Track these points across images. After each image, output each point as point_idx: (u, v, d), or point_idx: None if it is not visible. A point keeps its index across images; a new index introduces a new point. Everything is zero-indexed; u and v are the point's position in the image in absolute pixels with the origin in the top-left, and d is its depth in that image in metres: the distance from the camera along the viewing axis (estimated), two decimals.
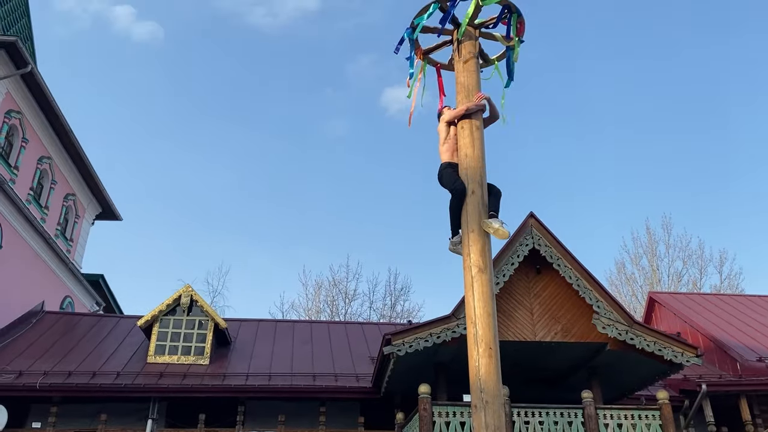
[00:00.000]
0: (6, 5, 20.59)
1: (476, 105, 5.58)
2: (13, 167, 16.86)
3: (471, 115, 5.63)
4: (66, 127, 18.75)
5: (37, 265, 18.10)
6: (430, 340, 11.73)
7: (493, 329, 4.84)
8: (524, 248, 12.59)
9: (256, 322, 18.62)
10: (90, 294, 21.38)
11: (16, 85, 16.59)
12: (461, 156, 5.56)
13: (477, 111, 5.66)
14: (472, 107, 5.57)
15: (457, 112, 5.64)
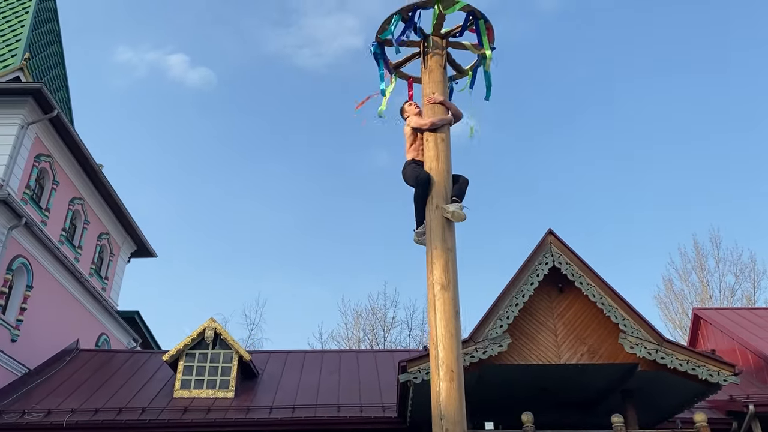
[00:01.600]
0: (41, 54, 21.49)
1: (441, 120, 5.43)
2: (44, 209, 17.33)
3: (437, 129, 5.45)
4: (95, 168, 19.27)
5: (71, 304, 18.46)
6: None
7: (455, 351, 4.54)
8: (544, 266, 12.11)
9: (284, 354, 18.47)
10: (126, 331, 21.68)
11: (45, 129, 17.15)
12: (426, 168, 5.34)
13: (443, 125, 5.47)
14: (437, 122, 5.40)
15: (422, 123, 5.51)
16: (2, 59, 19.47)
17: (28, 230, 15.73)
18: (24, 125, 16.20)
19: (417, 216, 5.26)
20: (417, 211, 5.24)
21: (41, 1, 22.82)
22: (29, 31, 20.75)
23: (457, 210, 4.95)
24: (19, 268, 15.76)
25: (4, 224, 14.84)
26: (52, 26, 23.39)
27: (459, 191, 5.19)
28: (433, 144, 5.34)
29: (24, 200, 16.33)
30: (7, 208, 14.77)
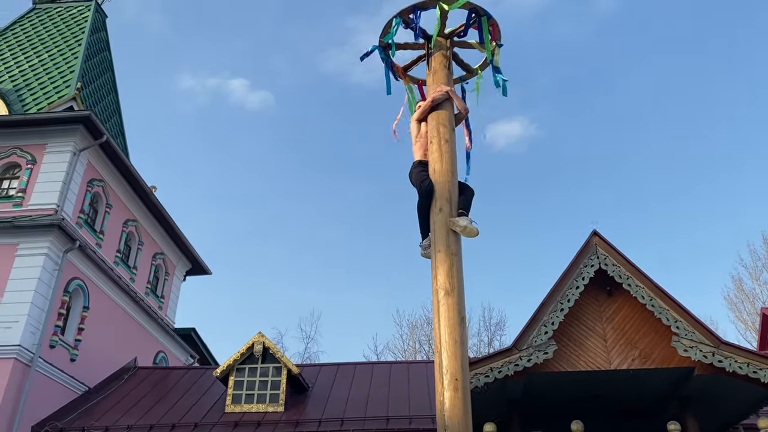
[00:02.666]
0: (94, 83, 22.39)
1: (439, 95, 5.29)
2: (98, 232, 17.95)
3: (439, 106, 5.32)
4: (147, 190, 19.85)
5: (128, 323, 19.01)
6: (491, 375, 11.01)
7: (460, 358, 4.34)
8: (589, 269, 11.68)
9: (335, 366, 18.46)
10: (183, 348, 22.16)
11: (96, 155, 17.79)
12: (430, 171, 5.19)
13: (444, 101, 5.34)
14: (438, 97, 5.29)
15: (423, 107, 5.45)
16: (57, 90, 20.38)
17: (83, 253, 16.29)
18: (76, 152, 16.85)
19: (421, 228, 5.08)
20: (421, 223, 5.06)
21: (93, 33, 23.81)
22: (82, 61, 21.65)
23: (468, 225, 4.72)
24: (75, 290, 16.34)
25: (60, 248, 15.43)
26: (104, 56, 24.36)
27: (465, 203, 4.98)
28: (437, 146, 5.19)
29: (78, 224, 16.96)
30: (61, 232, 15.35)
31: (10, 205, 16.22)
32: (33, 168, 16.74)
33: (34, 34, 23.64)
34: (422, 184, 5.03)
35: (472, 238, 4.80)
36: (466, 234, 4.74)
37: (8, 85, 20.76)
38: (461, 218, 4.79)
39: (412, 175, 5.27)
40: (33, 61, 21.97)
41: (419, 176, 5.14)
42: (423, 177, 5.09)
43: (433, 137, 5.25)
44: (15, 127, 17.23)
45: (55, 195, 16.12)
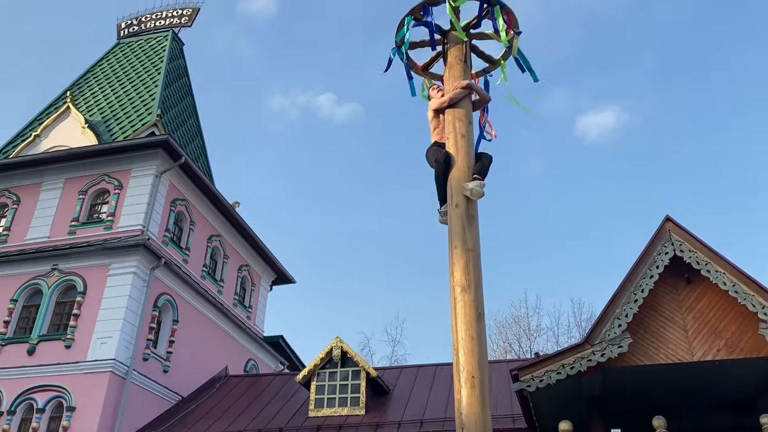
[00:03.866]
0: (174, 108, 23.63)
1: (458, 93, 5.30)
2: (184, 249, 18.90)
3: (456, 104, 5.31)
4: (228, 206, 20.70)
5: (218, 334, 19.86)
6: (562, 371, 10.70)
7: (477, 355, 4.28)
8: (663, 257, 11.10)
9: (415, 369, 18.49)
10: (272, 355, 22.90)
11: (178, 176, 18.75)
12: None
13: (462, 98, 5.32)
14: (456, 96, 5.30)
15: (441, 102, 5.43)
16: (141, 117, 21.66)
17: (170, 269, 17.21)
18: (158, 174, 17.84)
19: (439, 195, 5.14)
20: (438, 191, 5.13)
21: (171, 61, 25.13)
22: (162, 89, 22.90)
23: (475, 187, 4.80)
24: (164, 305, 17.27)
25: (147, 266, 16.37)
26: (183, 82, 25.66)
27: (481, 168, 5.00)
28: (453, 141, 5.14)
29: (165, 242, 17.94)
30: (147, 251, 16.29)
31: (101, 229, 17.38)
32: (120, 192, 17.87)
33: (118, 67, 25.25)
34: (440, 154, 5.13)
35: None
36: (472, 196, 4.79)
37: (97, 117, 22.27)
38: (471, 182, 4.84)
39: (428, 155, 5.37)
40: (118, 92, 23.46)
41: (434, 153, 5.24)
42: (438, 152, 5.18)
43: (449, 132, 5.21)
44: (102, 155, 18.46)
45: (141, 216, 17.13)
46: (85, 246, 16.69)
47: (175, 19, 27.47)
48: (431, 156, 5.27)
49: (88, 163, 18.63)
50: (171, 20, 27.48)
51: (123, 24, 28.15)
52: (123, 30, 27.89)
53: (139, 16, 28.13)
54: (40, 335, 15.83)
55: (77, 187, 18.44)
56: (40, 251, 17.08)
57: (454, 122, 5.22)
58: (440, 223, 5.07)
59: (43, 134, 21.52)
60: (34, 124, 22.69)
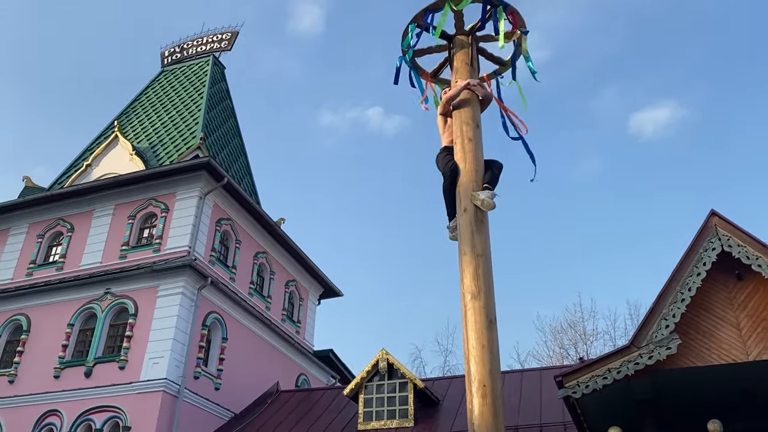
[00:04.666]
0: (218, 130, 24.19)
1: (454, 91, 5.29)
2: (231, 267, 19.25)
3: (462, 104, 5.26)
4: (272, 223, 21.01)
5: (267, 350, 20.10)
6: (609, 376, 10.34)
7: (488, 364, 4.19)
8: (710, 253, 10.64)
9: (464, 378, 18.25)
10: (323, 369, 23.01)
11: (222, 196, 19.15)
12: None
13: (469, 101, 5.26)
14: (453, 94, 5.27)
15: (442, 104, 5.43)
16: (185, 141, 22.25)
17: (216, 288, 17.55)
18: (202, 196, 18.26)
19: (448, 210, 5.05)
20: (446, 205, 5.05)
21: (213, 85, 25.77)
22: (204, 112, 23.50)
23: (487, 198, 4.67)
24: (213, 323, 17.60)
25: (194, 286, 16.74)
26: (225, 104, 26.26)
27: (492, 178, 4.90)
28: (460, 145, 5.06)
29: (211, 261, 18.31)
30: (193, 271, 16.66)
31: (150, 252, 17.88)
32: (167, 215, 18.36)
33: (163, 94, 26.05)
34: (446, 165, 5.05)
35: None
36: (484, 207, 4.68)
37: (144, 144, 23.00)
38: (482, 192, 4.72)
39: (438, 160, 5.29)
40: (164, 119, 24.19)
41: (444, 160, 5.16)
42: (448, 160, 5.10)
43: (456, 137, 5.15)
44: (148, 180, 19.02)
45: (187, 238, 17.55)
46: (135, 269, 17.20)
47: (215, 43, 28.20)
48: (440, 162, 5.21)
49: (135, 188, 19.23)
50: (212, 45, 28.22)
51: (166, 52, 29.07)
52: (167, 58, 28.80)
53: (181, 43, 29.01)
54: (96, 358, 16.35)
55: (126, 212, 19.05)
56: (94, 276, 17.68)
57: (461, 126, 5.16)
58: (450, 240, 4.95)
59: (94, 163, 22.35)
60: (85, 155, 23.58)
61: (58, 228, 19.87)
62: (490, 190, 4.79)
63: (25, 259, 19.57)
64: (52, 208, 20.19)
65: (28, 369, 17.02)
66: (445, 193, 5.02)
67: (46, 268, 19.10)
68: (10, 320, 18.07)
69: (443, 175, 5.06)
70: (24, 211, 20.52)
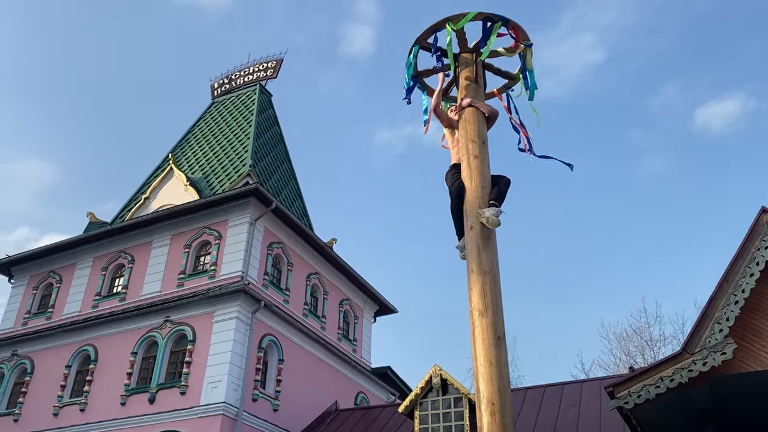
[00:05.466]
0: (268, 156, 24.81)
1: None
2: (284, 289, 19.64)
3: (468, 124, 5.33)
4: (322, 245, 21.33)
5: (324, 369, 20.32)
6: (661, 385, 10.02)
7: (496, 381, 4.19)
8: (764, 252, 10.22)
9: (523, 391, 17.96)
10: (381, 386, 23.06)
11: (272, 220, 19.61)
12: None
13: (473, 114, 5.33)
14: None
15: (445, 127, 5.55)
16: (236, 169, 22.93)
17: (270, 311, 17.92)
18: (252, 222, 18.75)
19: (456, 230, 5.05)
20: (455, 225, 5.04)
21: (261, 113, 26.49)
22: (253, 140, 24.16)
23: (491, 216, 4.63)
24: (269, 345, 17.96)
25: (248, 309, 17.15)
26: (274, 131, 26.93)
27: (498, 194, 4.85)
28: (466, 163, 5.07)
29: (265, 285, 18.73)
30: (246, 295, 17.08)
31: (206, 279, 18.46)
32: (220, 242, 18.92)
33: (214, 124, 26.95)
34: (453, 185, 5.05)
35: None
36: (489, 225, 4.63)
37: (198, 174, 23.81)
38: (488, 209, 4.69)
39: (447, 178, 5.28)
40: (215, 149, 25.00)
41: (452, 178, 5.15)
42: (455, 179, 5.09)
43: (462, 155, 5.17)
44: (201, 210, 19.68)
45: (240, 263, 18.04)
46: (192, 296, 17.77)
47: (261, 72, 29.01)
48: (448, 180, 5.23)
49: (190, 218, 19.92)
50: (258, 74, 29.04)
51: (216, 84, 30.09)
52: (216, 90, 29.80)
53: (229, 74, 29.96)
54: (158, 384, 16.93)
55: (182, 241, 19.74)
56: (154, 305, 18.36)
57: (467, 144, 5.18)
58: (461, 260, 4.96)
59: (151, 196, 23.30)
60: (144, 188, 24.59)
61: (120, 260, 20.75)
62: (497, 206, 4.78)
63: (91, 291, 20.51)
64: (114, 241, 21.12)
65: (97, 397, 17.77)
66: (453, 212, 5.04)
67: (110, 300, 19.97)
68: (80, 351, 18.93)
69: (450, 194, 5.07)
70: (88, 246, 21.54)
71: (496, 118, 5.44)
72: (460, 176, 5.10)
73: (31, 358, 19.78)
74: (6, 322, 21.76)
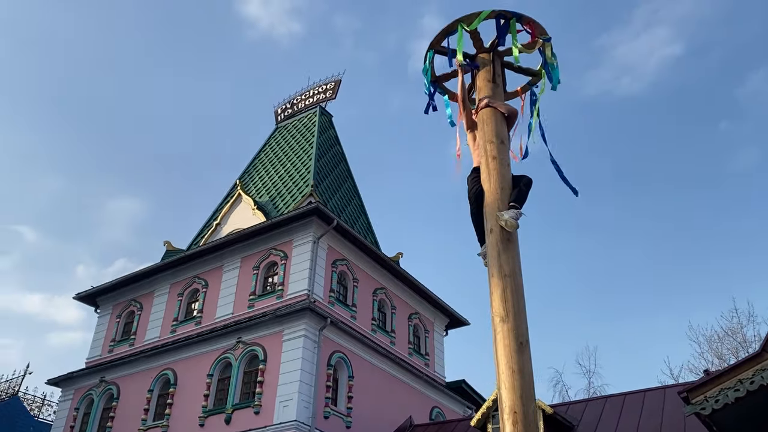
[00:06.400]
0: (330, 175, 25.16)
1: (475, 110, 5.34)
2: (350, 306, 19.75)
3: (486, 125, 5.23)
4: (386, 259, 21.34)
5: (396, 385, 20.22)
6: (741, 388, 9.38)
7: (518, 389, 4.02)
8: None
9: (602, 400, 17.25)
10: (457, 400, 22.71)
11: (334, 238, 19.82)
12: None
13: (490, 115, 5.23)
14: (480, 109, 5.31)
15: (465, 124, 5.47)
16: (300, 190, 23.35)
17: (337, 327, 18.04)
18: (315, 240, 19.01)
19: (477, 236, 4.92)
20: (476, 231, 4.92)
21: (322, 134, 26.93)
22: (315, 161, 24.57)
23: (510, 218, 4.49)
24: (338, 362, 18.06)
25: (314, 327, 17.34)
26: (335, 151, 27.31)
27: (519, 195, 4.70)
28: (485, 165, 4.93)
29: (331, 302, 18.90)
30: (313, 313, 17.27)
31: (274, 299, 18.83)
32: (286, 262, 19.28)
33: (278, 148, 27.62)
34: (471, 190, 4.96)
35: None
36: (507, 227, 4.50)
37: (265, 198, 24.42)
38: (507, 211, 4.55)
39: (468, 182, 5.17)
40: (280, 172, 25.59)
41: (471, 183, 5.04)
42: (473, 184, 4.99)
43: (481, 157, 5.04)
44: (267, 231, 20.14)
45: (305, 282, 18.30)
46: (261, 317, 18.14)
47: (321, 94, 29.55)
48: (469, 185, 5.11)
49: (257, 240, 20.42)
50: (318, 96, 29.59)
51: (279, 110, 30.89)
52: (279, 115, 30.58)
53: (291, 99, 30.70)
54: (233, 404, 17.33)
55: (251, 263, 20.23)
56: (227, 327, 18.86)
57: (485, 146, 5.05)
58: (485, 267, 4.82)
59: (222, 221, 24.05)
60: (215, 215, 25.41)
61: (194, 285, 21.47)
62: (517, 208, 4.63)
63: (169, 317, 21.30)
64: (189, 267, 21.90)
65: (177, 420, 18.37)
66: (472, 218, 4.91)
67: (187, 324, 20.67)
68: (160, 375, 19.66)
69: (468, 200, 4.96)
70: (165, 273, 22.42)
71: (516, 116, 5.29)
72: (479, 180, 4.97)
73: (117, 384, 20.70)
74: (94, 350, 22.91)
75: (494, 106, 5.16)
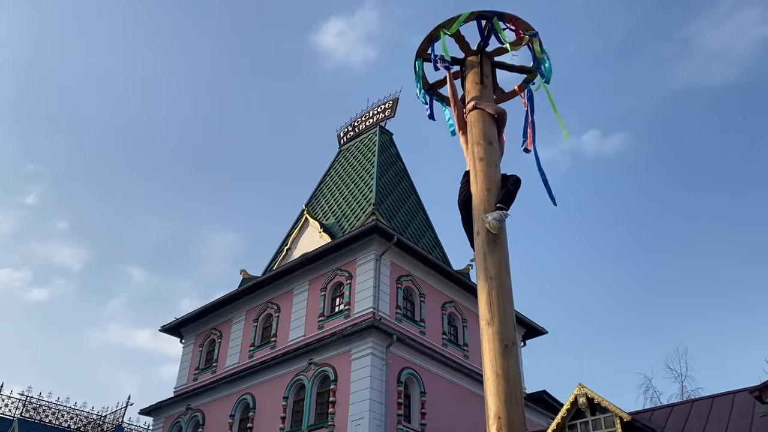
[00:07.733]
0: (393, 192, 25.30)
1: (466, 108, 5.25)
2: (419, 321, 19.67)
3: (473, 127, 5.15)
4: (453, 272, 21.16)
5: (471, 399, 19.87)
6: None
7: (503, 393, 3.94)
8: None
9: (688, 404, 16.29)
10: (538, 411, 22.05)
11: (397, 254, 19.86)
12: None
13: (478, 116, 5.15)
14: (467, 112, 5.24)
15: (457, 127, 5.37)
16: (363, 210, 23.58)
17: (405, 344, 18.01)
18: (377, 258, 19.13)
19: (469, 242, 4.79)
20: (467, 237, 4.79)
21: (382, 152, 27.17)
22: (377, 179, 24.79)
23: (492, 220, 4.39)
24: (408, 379, 17.99)
25: (381, 345, 17.38)
26: (397, 167, 27.46)
27: (505, 196, 4.57)
28: (472, 167, 4.84)
29: (398, 319, 18.90)
30: (378, 331, 17.34)
31: (341, 319, 19.04)
32: (351, 282, 19.48)
33: (342, 171, 28.07)
34: (460, 197, 4.90)
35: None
36: (490, 230, 4.40)
37: (331, 220, 24.83)
38: (491, 213, 4.45)
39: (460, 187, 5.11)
40: (344, 193, 25.99)
41: (461, 188, 4.98)
42: (462, 189, 4.94)
43: (469, 159, 4.95)
44: (331, 253, 20.45)
45: (370, 300, 18.41)
46: (330, 337, 18.37)
47: (380, 114, 29.88)
48: (459, 190, 5.05)
49: (323, 262, 20.77)
50: (377, 116, 29.94)
51: (341, 133, 31.44)
52: (342, 138, 31.13)
53: (352, 122, 31.20)
54: (308, 425, 17.59)
55: (319, 285, 20.58)
56: (299, 349, 19.22)
57: (472, 147, 4.98)
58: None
59: (292, 246, 24.63)
60: (286, 241, 26.06)
61: (268, 310, 22.05)
62: (503, 209, 4.52)
63: (246, 342, 21.95)
64: (262, 293, 22.53)
65: None
66: (463, 224, 4.83)
67: (263, 349, 21.22)
68: (240, 400, 20.24)
69: (458, 205, 4.90)
70: (241, 301, 23.15)
71: (506, 117, 5.19)
72: (468, 186, 4.90)
73: (202, 411, 21.47)
74: (181, 379, 23.89)
75: (482, 107, 5.08)
